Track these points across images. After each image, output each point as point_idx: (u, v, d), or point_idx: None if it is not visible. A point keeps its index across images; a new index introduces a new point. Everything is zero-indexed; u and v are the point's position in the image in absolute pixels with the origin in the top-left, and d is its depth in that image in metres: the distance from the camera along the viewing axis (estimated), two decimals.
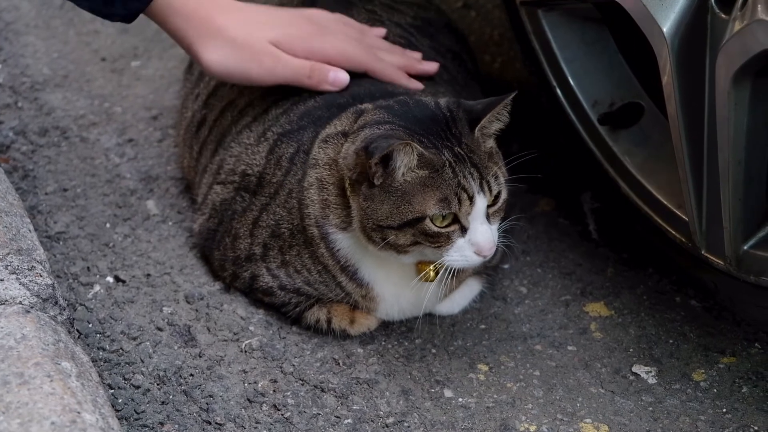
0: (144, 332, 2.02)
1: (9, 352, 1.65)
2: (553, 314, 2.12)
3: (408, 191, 1.80)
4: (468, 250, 1.83)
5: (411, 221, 1.81)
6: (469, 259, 1.84)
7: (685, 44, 1.81)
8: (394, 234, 1.82)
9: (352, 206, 1.87)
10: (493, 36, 2.78)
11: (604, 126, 2.12)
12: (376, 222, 1.83)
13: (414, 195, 1.80)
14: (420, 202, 1.80)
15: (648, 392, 1.98)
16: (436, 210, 1.80)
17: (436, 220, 1.81)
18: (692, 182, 1.88)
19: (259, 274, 2.03)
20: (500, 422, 1.92)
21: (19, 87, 2.56)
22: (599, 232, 2.28)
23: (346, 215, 1.89)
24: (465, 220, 1.81)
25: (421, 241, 1.82)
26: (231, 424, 1.88)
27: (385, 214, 1.82)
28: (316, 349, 2.02)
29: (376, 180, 1.81)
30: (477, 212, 1.81)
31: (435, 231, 1.81)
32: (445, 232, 1.81)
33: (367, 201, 1.83)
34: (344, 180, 1.87)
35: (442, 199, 1.79)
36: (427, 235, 1.81)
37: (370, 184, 1.82)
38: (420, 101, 1.90)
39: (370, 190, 1.83)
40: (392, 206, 1.81)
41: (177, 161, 2.37)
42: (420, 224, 1.81)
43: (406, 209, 1.80)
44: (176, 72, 2.58)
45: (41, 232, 2.19)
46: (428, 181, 1.80)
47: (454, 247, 1.83)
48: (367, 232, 1.85)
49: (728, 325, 2.10)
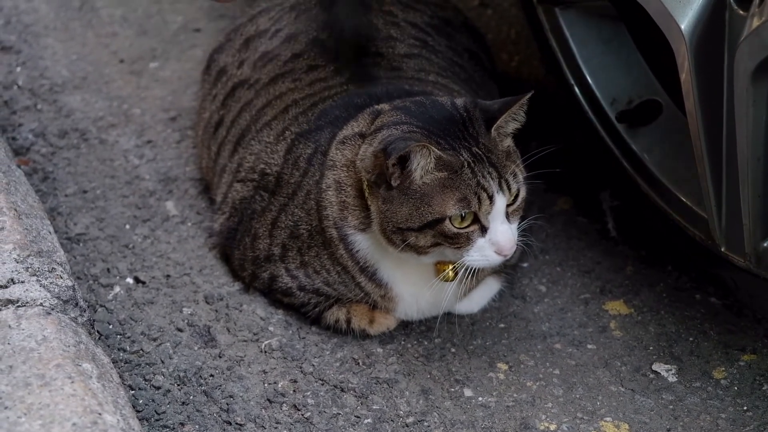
0: (164, 333, 2.02)
1: (30, 354, 1.66)
2: (572, 312, 2.12)
3: (427, 193, 1.80)
4: (488, 250, 1.83)
5: (431, 222, 1.81)
6: (490, 259, 1.84)
7: (703, 41, 1.80)
8: (415, 236, 1.82)
9: (372, 209, 1.87)
10: (510, 34, 2.78)
11: (622, 124, 2.11)
12: (396, 224, 1.83)
13: (433, 196, 1.80)
14: (439, 203, 1.80)
15: (668, 390, 1.98)
16: (455, 210, 1.80)
17: (456, 221, 1.80)
18: (711, 179, 1.87)
19: (279, 274, 2.04)
20: (520, 421, 1.92)
21: (38, 89, 2.57)
22: (618, 230, 2.27)
23: (365, 217, 1.89)
24: (485, 219, 1.81)
25: (442, 242, 1.82)
26: (251, 425, 1.88)
27: (405, 217, 1.82)
28: (335, 349, 2.02)
29: (393, 181, 1.81)
30: (497, 211, 1.81)
31: (455, 232, 1.81)
32: (465, 232, 1.81)
33: (386, 203, 1.83)
34: (362, 181, 1.87)
35: (462, 199, 1.79)
36: (447, 236, 1.81)
37: (389, 186, 1.82)
38: (436, 101, 1.90)
39: (388, 192, 1.83)
40: (412, 208, 1.81)
41: (195, 162, 2.38)
42: (440, 225, 1.80)
43: (425, 211, 1.80)
44: (194, 73, 2.58)
45: (61, 234, 2.20)
46: (447, 182, 1.80)
47: (475, 247, 1.83)
48: (387, 235, 1.85)
49: (749, 323, 2.09)
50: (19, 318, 1.73)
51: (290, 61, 2.18)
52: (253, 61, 2.23)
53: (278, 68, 2.18)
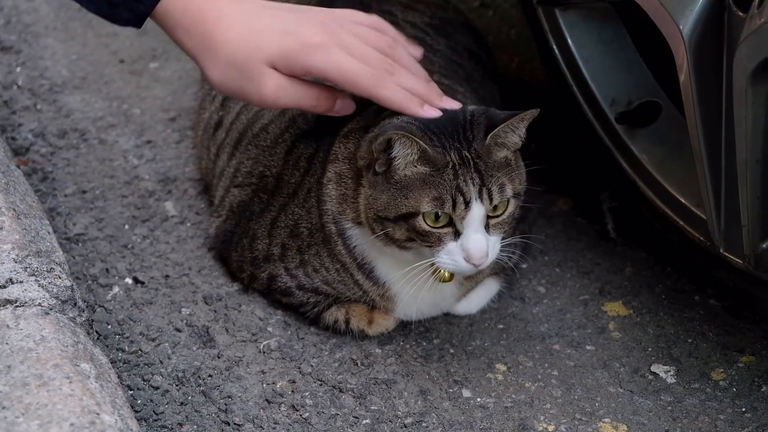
0: (163, 333, 2.02)
1: (28, 354, 1.66)
2: (571, 314, 2.12)
3: (407, 185, 1.80)
4: (458, 255, 1.82)
5: (405, 215, 1.81)
6: (458, 264, 1.83)
7: (702, 42, 1.80)
8: (391, 227, 1.82)
9: (360, 194, 1.87)
10: (511, 35, 2.78)
11: (621, 125, 2.11)
12: (375, 211, 1.83)
13: (411, 190, 1.80)
14: (415, 197, 1.80)
15: (667, 392, 1.98)
16: (428, 207, 1.79)
17: (429, 219, 1.80)
18: (710, 181, 1.87)
19: (278, 274, 2.04)
20: (519, 422, 1.92)
21: (38, 89, 2.57)
22: (617, 232, 2.27)
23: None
24: (459, 224, 1.81)
25: (414, 237, 1.82)
26: (249, 425, 1.88)
27: (383, 205, 1.82)
28: (334, 350, 2.03)
29: (378, 167, 1.81)
30: (472, 218, 1.80)
31: (426, 229, 1.80)
32: (437, 232, 1.81)
33: (370, 188, 1.84)
34: (361, 173, 1.88)
35: (437, 198, 1.79)
36: (418, 232, 1.81)
37: (375, 171, 1.82)
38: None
39: (374, 177, 1.84)
40: (390, 197, 1.81)
41: (195, 162, 2.38)
42: (413, 220, 1.80)
43: (401, 202, 1.81)
44: (194, 73, 2.58)
45: (60, 234, 2.20)
46: (428, 179, 1.80)
47: (445, 250, 1.82)
48: (369, 222, 1.86)
49: (747, 324, 2.09)
50: (18, 318, 1.73)
51: None
52: None
53: None
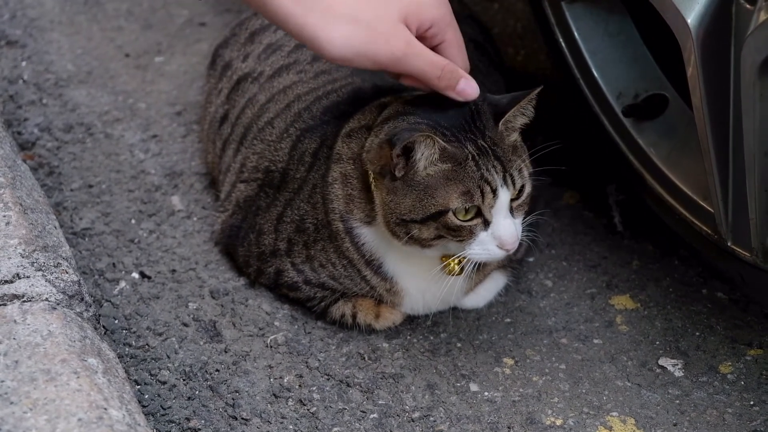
0: (170, 328, 2.02)
1: (36, 349, 1.66)
2: (578, 307, 2.12)
3: (431, 185, 1.80)
4: (490, 244, 1.82)
5: (434, 215, 1.80)
6: (492, 253, 1.83)
7: (709, 35, 1.80)
8: (418, 228, 1.82)
9: (376, 200, 1.87)
10: (517, 28, 2.77)
11: (628, 118, 2.11)
12: (399, 216, 1.82)
13: (437, 188, 1.80)
14: (443, 195, 1.79)
15: (674, 385, 1.98)
16: (459, 203, 1.79)
17: (459, 214, 1.80)
18: (718, 173, 1.87)
19: (284, 269, 2.04)
20: (526, 416, 1.92)
21: (44, 83, 2.57)
22: (624, 225, 2.27)
23: (371, 210, 1.89)
24: (488, 213, 1.81)
25: (445, 234, 1.82)
26: (257, 419, 1.88)
27: (408, 208, 1.81)
28: (341, 344, 2.02)
29: (397, 172, 1.80)
30: (500, 206, 1.81)
31: (458, 224, 1.80)
32: (468, 225, 1.81)
33: (390, 195, 1.83)
34: (368, 174, 1.87)
35: (465, 192, 1.79)
36: (450, 228, 1.81)
37: (393, 177, 1.81)
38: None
39: (392, 183, 1.82)
40: (415, 200, 1.81)
41: (201, 156, 2.38)
42: (443, 218, 1.80)
43: (429, 203, 1.80)
44: (200, 67, 2.58)
45: (67, 229, 2.20)
46: (451, 175, 1.79)
47: (477, 241, 1.82)
48: (390, 227, 1.85)
49: (755, 317, 2.09)
50: (25, 313, 1.73)
51: (294, 51, 2.18)
52: (258, 54, 2.23)
53: (282, 59, 2.18)
